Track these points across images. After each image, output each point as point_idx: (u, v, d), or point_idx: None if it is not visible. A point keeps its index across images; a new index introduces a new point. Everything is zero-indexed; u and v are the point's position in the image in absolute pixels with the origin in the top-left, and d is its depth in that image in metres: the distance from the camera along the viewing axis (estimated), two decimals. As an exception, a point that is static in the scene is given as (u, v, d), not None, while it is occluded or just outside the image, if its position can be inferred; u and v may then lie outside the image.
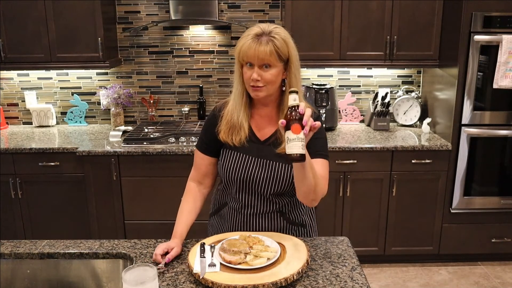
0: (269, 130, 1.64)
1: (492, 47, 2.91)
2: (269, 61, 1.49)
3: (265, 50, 1.48)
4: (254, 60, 1.50)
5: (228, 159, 1.64)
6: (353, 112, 3.61)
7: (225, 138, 1.62)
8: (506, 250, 3.27)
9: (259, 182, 1.61)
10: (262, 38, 1.49)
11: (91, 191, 3.05)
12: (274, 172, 1.60)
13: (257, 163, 1.61)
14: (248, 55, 1.50)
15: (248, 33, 1.52)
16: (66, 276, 1.65)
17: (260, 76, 1.51)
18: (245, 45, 1.50)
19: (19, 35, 3.14)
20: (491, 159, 3.14)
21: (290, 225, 1.72)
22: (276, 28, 1.53)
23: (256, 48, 1.48)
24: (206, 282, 1.38)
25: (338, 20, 3.13)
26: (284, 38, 1.52)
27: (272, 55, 1.49)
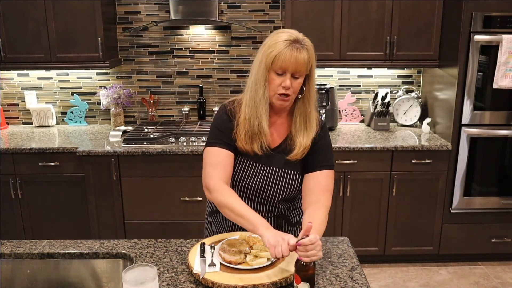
0: (279, 138, 1.63)
1: (492, 47, 2.91)
2: (305, 69, 1.48)
3: (304, 58, 1.46)
4: (291, 68, 1.46)
5: (238, 167, 1.61)
6: (353, 112, 3.61)
7: (245, 147, 1.56)
8: (506, 250, 3.27)
9: (268, 190, 1.62)
10: (297, 46, 1.47)
11: (91, 191, 3.05)
12: (283, 180, 1.60)
13: (267, 171, 1.61)
14: (287, 63, 1.45)
15: (281, 39, 1.47)
16: (66, 276, 1.65)
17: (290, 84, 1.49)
18: (283, 53, 1.45)
19: (19, 35, 3.14)
20: (491, 159, 3.14)
21: (290, 226, 1.73)
22: (304, 36, 1.52)
23: (298, 55, 1.45)
24: (206, 282, 1.38)
25: (338, 20, 3.13)
26: (311, 47, 1.52)
27: (307, 64, 1.49)
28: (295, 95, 1.54)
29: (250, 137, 1.55)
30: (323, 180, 1.57)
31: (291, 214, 1.72)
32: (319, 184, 1.57)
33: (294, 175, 1.61)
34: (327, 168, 1.59)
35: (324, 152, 1.61)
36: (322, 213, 1.50)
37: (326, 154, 1.61)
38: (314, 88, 1.58)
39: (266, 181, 1.61)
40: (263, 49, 1.51)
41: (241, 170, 1.61)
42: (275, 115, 1.62)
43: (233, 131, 1.57)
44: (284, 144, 1.61)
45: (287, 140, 1.61)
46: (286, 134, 1.62)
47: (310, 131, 1.58)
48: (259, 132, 1.55)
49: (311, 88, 1.55)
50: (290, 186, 1.61)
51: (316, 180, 1.57)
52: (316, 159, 1.58)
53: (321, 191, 1.56)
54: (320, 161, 1.58)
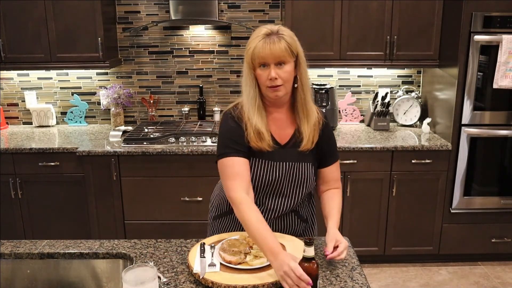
0: (288, 133, 1.65)
1: (492, 47, 2.91)
2: (284, 57, 1.51)
3: (279, 47, 1.50)
4: (269, 59, 1.50)
5: (255, 168, 1.61)
6: (353, 112, 3.61)
7: (257, 145, 1.57)
8: (506, 250, 3.27)
9: (285, 186, 1.63)
10: (272, 37, 1.51)
11: (91, 191, 3.05)
12: (300, 174, 1.63)
13: (282, 168, 1.62)
14: (263, 55, 1.50)
15: (256, 35, 1.53)
16: (66, 276, 1.65)
17: (276, 74, 1.52)
18: (258, 47, 1.51)
19: (19, 35, 3.14)
20: (491, 159, 3.14)
21: (301, 221, 1.76)
22: (280, 27, 1.56)
23: (271, 46, 1.49)
24: (206, 282, 1.38)
25: (338, 20, 3.13)
26: (291, 35, 1.56)
27: (286, 51, 1.51)
28: (289, 84, 1.56)
29: (258, 136, 1.57)
30: (336, 172, 1.73)
31: (302, 210, 1.75)
32: (334, 176, 1.72)
33: (308, 167, 1.64)
34: (337, 159, 1.73)
35: (332, 144, 1.72)
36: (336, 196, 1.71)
37: (334, 146, 1.73)
38: (307, 76, 1.61)
39: (282, 177, 1.62)
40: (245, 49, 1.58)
41: (256, 170, 1.61)
42: (277, 110, 1.64)
43: (245, 134, 1.58)
44: (294, 137, 1.64)
45: (295, 133, 1.64)
46: (294, 127, 1.65)
47: (311, 118, 1.63)
48: (260, 130, 1.57)
49: (303, 76, 1.58)
50: (305, 179, 1.64)
51: (332, 173, 1.71)
52: (329, 152, 1.70)
53: (335, 181, 1.73)
54: (333, 154, 1.71)
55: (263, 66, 1.52)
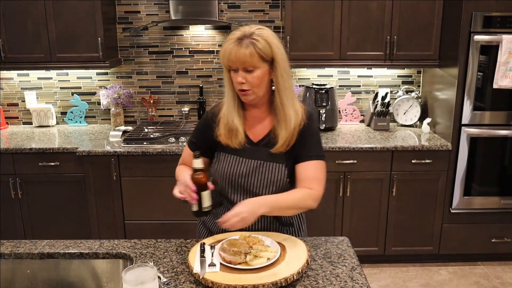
0: (262, 131, 1.64)
1: (492, 47, 2.91)
2: (252, 63, 1.49)
3: (245, 53, 1.48)
4: (236, 64, 1.50)
5: (223, 163, 1.65)
6: (353, 112, 3.61)
7: (226, 141, 1.62)
8: (506, 250, 3.27)
9: (254, 184, 1.62)
10: (243, 41, 1.49)
11: (91, 191, 3.05)
12: (269, 173, 1.61)
13: (251, 165, 1.62)
14: (230, 60, 1.50)
15: (230, 37, 1.52)
16: (66, 276, 1.65)
17: (244, 79, 1.51)
18: (227, 50, 1.50)
19: (19, 35, 3.14)
20: (491, 159, 3.14)
21: (280, 225, 1.72)
22: (258, 29, 1.53)
23: (237, 51, 1.48)
24: (206, 282, 1.38)
25: (338, 20, 3.13)
26: (267, 38, 1.51)
27: (254, 57, 1.48)
28: (260, 88, 1.55)
29: (229, 132, 1.61)
30: (311, 171, 1.58)
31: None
32: (307, 175, 1.58)
33: (279, 167, 1.60)
34: (316, 158, 1.60)
35: (312, 143, 1.61)
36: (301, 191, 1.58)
37: (313, 145, 1.61)
38: (286, 78, 1.56)
39: (251, 174, 1.61)
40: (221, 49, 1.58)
41: (225, 164, 1.64)
42: (255, 109, 1.64)
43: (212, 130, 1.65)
44: (267, 137, 1.62)
45: (270, 134, 1.62)
46: (270, 127, 1.63)
47: (289, 122, 1.56)
48: (235, 128, 1.60)
49: (279, 78, 1.54)
50: (275, 179, 1.60)
51: (305, 171, 1.59)
52: (304, 149, 1.59)
53: (310, 181, 1.58)
54: (308, 151, 1.59)
55: (233, 69, 1.53)
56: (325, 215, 3.14)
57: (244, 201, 1.49)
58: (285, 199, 1.55)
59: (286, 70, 1.56)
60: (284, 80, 1.55)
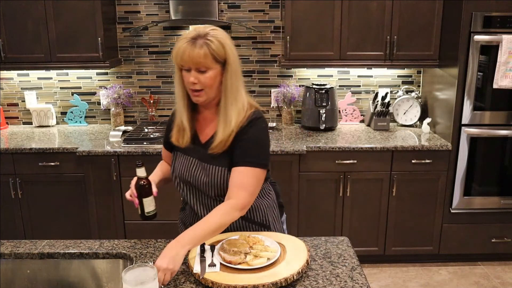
0: (210, 132, 1.63)
1: (492, 47, 2.91)
2: (205, 64, 1.48)
3: (199, 53, 1.46)
4: (189, 64, 1.49)
5: (176, 161, 1.68)
6: (353, 112, 3.61)
7: (175, 142, 1.66)
8: (506, 250, 3.27)
9: (202, 184, 1.62)
10: (197, 41, 1.48)
11: (91, 191, 3.05)
12: (212, 175, 1.59)
13: (199, 166, 1.62)
14: (183, 59, 1.48)
15: (184, 36, 1.51)
16: (66, 276, 1.65)
17: (197, 79, 1.50)
18: (180, 49, 1.48)
19: (19, 35, 3.14)
20: (491, 159, 3.14)
21: (250, 223, 1.70)
22: (213, 30, 1.51)
23: (191, 51, 1.47)
24: (206, 282, 1.38)
25: (338, 20, 3.13)
26: (221, 39, 1.50)
27: (207, 57, 1.47)
28: (212, 89, 1.53)
29: (178, 132, 1.64)
30: (238, 177, 1.52)
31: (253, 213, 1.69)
32: (234, 181, 1.53)
33: (221, 170, 1.58)
34: (246, 164, 1.53)
35: (246, 148, 1.54)
36: (221, 209, 1.48)
37: (249, 149, 1.54)
38: (235, 80, 1.54)
39: (198, 175, 1.62)
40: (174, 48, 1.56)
41: (179, 164, 1.67)
42: (205, 110, 1.64)
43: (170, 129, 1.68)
44: (212, 138, 1.61)
45: (214, 135, 1.60)
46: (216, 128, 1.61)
47: (228, 124, 1.54)
48: (183, 127, 1.62)
49: (228, 80, 1.52)
50: (218, 181, 1.59)
51: (234, 176, 1.53)
52: (237, 154, 1.54)
53: (235, 188, 1.52)
54: (240, 156, 1.54)
55: (186, 69, 1.51)
56: (325, 215, 3.14)
57: (163, 252, 1.37)
58: (207, 225, 1.45)
59: (236, 72, 1.55)
60: (233, 82, 1.54)
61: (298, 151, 2.96)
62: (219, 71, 1.52)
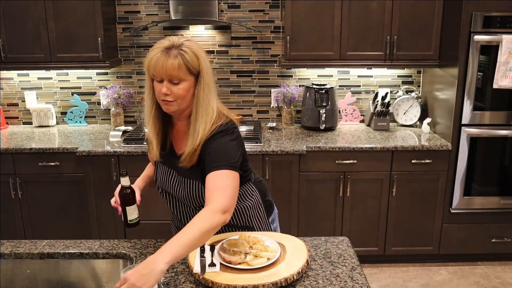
0: (184, 145, 1.59)
1: (492, 47, 2.91)
2: (178, 76, 1.45)
3: (173, 64, 1.43)
4: (162, 75, 1.45)
5: (158, 171, 1.70)
6: (353, 112, 3.61)
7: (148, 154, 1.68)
8: (506, 250, 3.27)
9: (180, 196, 1.63)
10: (171, 52, 1.44)
11: (91, 191, 3.05)
12: (188, 188, 1.59)
13: (175, 177, 1.63)
14: (156, 70, 1.44)
15: (158, 46, 1.47)
16: (66, 276, 1.65)
17: (169, 90, 1.46)
18: (153, 59, 1.45)
19: (19, 35, 3.14)
20: (491, 159, 3.14)
21: (234, 229, 1.69)
22: (187, 41, 1.49)
23: (164, 62, 1.43)
24: (206, 282, 1.38)
25: (338, 20, 3.13)
26: (195, 51, 1.48)
27: (181, 69, 1.44)
28: (184, 100, 1.49)
29: (149, 144, 1.63)
30: (211, 182, 1.46)
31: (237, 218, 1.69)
32: (208, 187, 1.46)
33: (194, 184, 1.57)
34: (216, 168, 1.47)
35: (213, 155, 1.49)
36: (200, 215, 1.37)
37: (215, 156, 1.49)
38: (207, 93, 1.51)
39: (175, 186, 1.64)
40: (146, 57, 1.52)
41: (159, 173, 1.70)
42: (179, 122, 1.61)
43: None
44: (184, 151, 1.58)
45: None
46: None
47: (195, 137, 1.51)
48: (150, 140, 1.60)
49: (200, 93, 1.50)
50: (194, 194, 1.58)
51: (207, 184, 1.47)
52: (206, 163, 1.50)
53: (209, 193, 1.44)
54: (209, 163, 1.49)
55: (158, 80, 1.47)
56: (325, 215, 3.14)
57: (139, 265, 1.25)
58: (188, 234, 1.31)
59: (209, 85, 1.52)
60: (205, 94, 1.51)
61: (298, 151, 2.96)
62: (192, 83, 1.49)
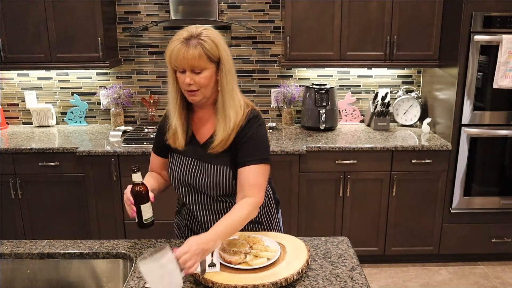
0: (207, 132, 1.63)
1: (492, 47, 2.91)
2: (199, 65, 1.48)
3: (193, 53, 1.46)
4: (184, 65, 1.48)
5: (174, 163, 1.67)
6: (353, 112, 3.61)
7: (172, 144, 1.64)
8: (506, 250, 3.27)
9: (203, 185, 1.62)
10: (191, 42, 1.47)
11: (91, 191, 3.05)
12: (214, 175, 1.59)
13: (199, 166, 1.62)
14: (178, 61, 1.48)
15: (177, 37, 1.49)
16: (66, 276, 1.65)
17: (192, 80, 1.50)
18: (174, 51, 1.47)
19: (19, 35, 3.14)
20: (491, 159, 3.14)
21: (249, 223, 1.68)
22: (205, 30, 1.51)
23: (185, 52, 1.46)
24: (206, 282, 1.38)
25: (338, 20, 3.13)
26: (214, 39, 1.50)
27: (202, 58, 1.47)
28: (207, 89, 1.53)
29: (174, 134, 1.62)
30: (251, 176, 1.54)
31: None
32: (247, 181, 1.54)
33: (223, 169, 1.59)
34: (255, 163, 1.55)
35: (251, 146, 1.56)
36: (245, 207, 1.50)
37: (253, 148, 1.57)
38: (230, 79, 1.55)
39: (198, 176, 1.62)
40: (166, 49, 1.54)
41: (176, 166, 1.66)
42: (201, 110, 1.64)
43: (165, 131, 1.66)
44: (211, 138, 1.61)
45: (213, 134, 1.60)
46: (214, 128, 1.61)
47: (228, 123, 1.55)
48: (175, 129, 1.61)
49: (223, 79, 1.53)
50: (220, 181, 1.59)
51: (245, 176, 1.55)
52: (243, 154, 1.56)
53: (249, 187, 1.54)
54: (248, 155, 1.55)
55: (180, 71, 1.51)
56: (325, 215, 3.14)
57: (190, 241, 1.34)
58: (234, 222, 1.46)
59: (230, 71, 1.55)
60: (228, 81, 1.54)
61: (298, 151, 2.96)
62: (214, 71, 1.52)
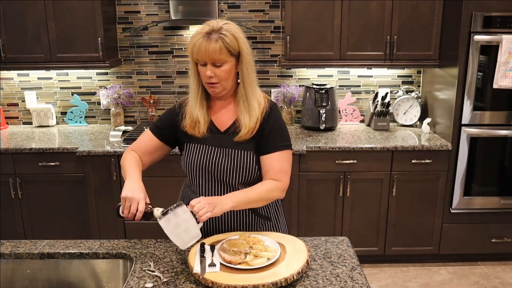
0: (228, 120, 1.68)
1: (492, 47, 2.91)
2: (220, 58, 1.54)
3: (214, 47, 1.52)
4: (205, 59, 1.54)
5: (192, 152, 1.68)
6: (353, 112, 3.61)
7: (191, 132, 1.67)
8: (506, 250, 3.27)
9: (224, 171, 1.64)
10: (212, 36, 1.53)
11: (91, 191, 3.05)
12: (238, 160, 1.63)
13: (220, 153, 1.65)
14: (199, 54, 1.54)
15: (199, 32, 1.56)
16: (66, 276, 1.65)
17: (213, 73, 1.56)
18: (196, 45, 1.54)
19: (19, 35, 3.14)
20: (491, 159, 3.14)
21: (257, 217, 1.73)
22: (226, 24, 1.57)
23: (206, 46, 1.52)
24: (206, 282, 1.38)
25: (338, 20, 3.13)
26: (234, 33, 1.56)
27: (222, 51, 1.53)
28: (228, 82, 1.60)
29: (194, 124, 1.66)
30: (277, 163, 1.63)
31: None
32: (273, 167, 1.63)
33: (247, 154, 1.63)
34: (281, 148, 1.65)
35: (276, 133, 1.65)
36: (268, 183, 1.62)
37: (277, 135, 1.65)
38: (251, 72, 1.62)
39: (219, 162, 1.64)
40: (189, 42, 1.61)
41: (195, 154, 1.67)
42: (221, 100, 1.69)
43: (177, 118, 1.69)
44: (233, 126, 1.66)
45: (235, 123, 1.66)
46: (235, 116, 1.67)
47: (253, 113, 1.62)
48: (198, 119, 1.65)
49: (244, 72, 1.60)
50: (244, 165, 1.63)
51: (271, 162, 1.63)
52: (268, 141, 1.64)
53: (276, 173, 1.63)
54: (273, 142, 1.64)
55: (202, 64, 1.57)
56: (325, 215, 3.14)
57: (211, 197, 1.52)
58: (252, 192, 1.59)
59: (250, 64, 1.61)
60: (248, 73, 1.61)
61: (298, 151, 2.96)
62: (234, 64, 1.58)
